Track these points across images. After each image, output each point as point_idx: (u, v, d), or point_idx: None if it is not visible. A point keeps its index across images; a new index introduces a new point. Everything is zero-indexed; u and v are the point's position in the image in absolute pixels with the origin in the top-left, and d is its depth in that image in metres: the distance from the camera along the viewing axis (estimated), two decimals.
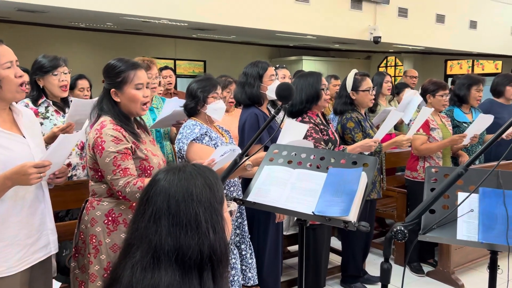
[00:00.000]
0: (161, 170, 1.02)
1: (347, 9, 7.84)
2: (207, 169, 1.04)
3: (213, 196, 0.99)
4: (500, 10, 10.36)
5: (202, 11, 6.43)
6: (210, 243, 0.94)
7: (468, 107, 3.71)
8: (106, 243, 1.84)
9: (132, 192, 1.76)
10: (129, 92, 1.87)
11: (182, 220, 0.94)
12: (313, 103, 2.68)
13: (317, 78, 2.69)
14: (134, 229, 0.97)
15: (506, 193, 1.54)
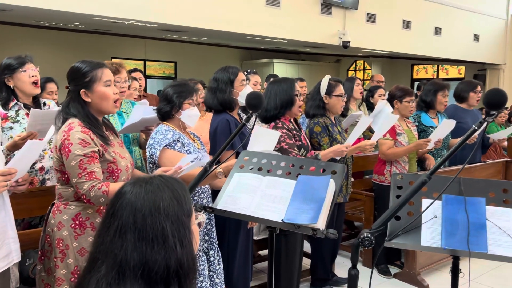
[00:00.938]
0: (128, 183, 1.01)
1: (317, 14, 7.95)
2: (175, 181, 1.02)
3: (181, 209, 0.98)
4: (463, 18, 10.75)
5: (172, 13, 6.37)
6: (177, 257, 0.93)
7: (435, 112, 3.82)
8: (73, 247, 1.83)
9: (97, 196, 1.76)
10: (100, 90, 1.86)
11: (148, 234, 0.92)
12: (287, 108, 2.69)
13: (291, 84, 2.71)
14: (99, 243, 0.95)
15: (467, 200, 1.60)
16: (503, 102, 1.36)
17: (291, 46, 11.06)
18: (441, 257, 3.66)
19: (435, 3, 9.95)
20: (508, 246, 1.51)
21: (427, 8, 9.81)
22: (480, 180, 1.71)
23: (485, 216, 1.56)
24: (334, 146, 2.77)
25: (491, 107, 1.37)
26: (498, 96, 1.36)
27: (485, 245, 1.50)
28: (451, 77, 13.49)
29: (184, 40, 10.98)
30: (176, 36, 9.98)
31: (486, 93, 1.38)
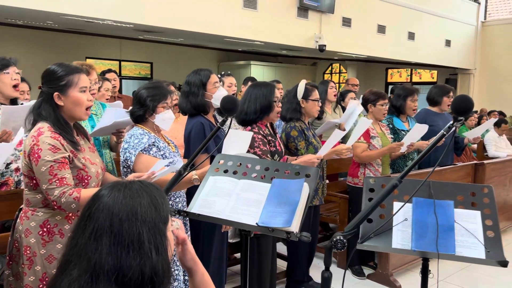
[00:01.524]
0: (106, 186, 0.99)
1: (293, 17, 8.01)
2: (154, 187, 1.02)
3: (158, 216, 0.97)
4: (435, 23, 11.04)
5: (149, 13, 6.31)
6: (152, 264, 0.92)
7: (405, 116, 3.91)
8: (41, 254, 1.79)
9: (68, 202, 1.72)
10: (74, 95, 1.82)
11: (124, 239, 0.91)
12: (266, 114, 2.69)
13: (271, 89, 2.71)
14: (73, 245, 0.94)
15: (437, 202, 1.64)
16: (469, 108, 1.40)
17: (268, 48, 11.12)
18: (413, 258, 3.74)
19: (408, 8, 10.19)
20: (475, 247, 1.56)
21: (401, 14, 10.04)
22: (449, 184, 1.77)
23: (453, 219, 1.61)
24: (305, 156, 2.78)
25: (458, 113, 1.42)
26: (466, 102, 1.41)
27: (453, 246, 1.54)
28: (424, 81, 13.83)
29: (161, 40, 10.89)
30: (152, 37, 9.88)
31: (454, 100, 1.42)
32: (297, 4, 7.97)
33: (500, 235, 1.59)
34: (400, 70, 14.47)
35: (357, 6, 9.02)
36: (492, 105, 11.50)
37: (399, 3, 9.92)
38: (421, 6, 10.53)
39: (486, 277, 3.77)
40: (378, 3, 9.44)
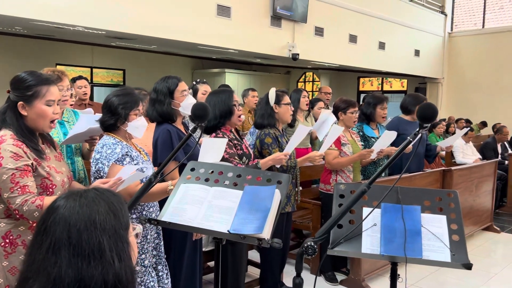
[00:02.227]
0: (61, 197, 0.97)
1: (267, 26, 8.08)
2: (111, 193, 1.00)
3: (118, 222, 0.95)
4: (405, 34, 11.36)
5: (121, 20, 6.24)
6: (115, 271, 0.90)
7: (375, 124, 3.99)
8: (3, 266, 1.73)
9: (30, 210, 1.68)
10: (39, 107, 1.78)
11: (84, 250, 0.89)
12: (227, 118, 2.72)
13: (229, 94, 2.74)
14: (30, 262, 0.91)
15: (404, 208, 1.68)
16: (434, 115, 1.45)
17: (243, 56, 11.16)
18: (384, 263, 3.80)
19: (379, 19, 10.44)
20: (441, 251, 1.60)
21: (372, 24, 10.28)
22: (416, 189, 1.81)
23: (420, 223, 1.65)
24: (273, 154, 2.82)
25: (423, 120, 1.46)
26: (430, 110, 1.45)
27: (420, 250, 1.58)
28: (394, 90, 14.16)
29: (133, 47, 10.78)
30: (125, 44, 9.77)
31: (419, 108, 1.46)
32: (270, 13, 8.05)
33: (465, 238, 1.64)
34: (372, 79, 14.79)
35: (329, 16, 9.19)
36: (460, 113, 11.88)
37: (370, 14, 10.16)
38: (391, 17, 10.81)
39: (454, 280, 3.86)
40: (350, 14, 9.65)
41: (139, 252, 2.15)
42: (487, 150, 7.10)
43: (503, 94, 11.95)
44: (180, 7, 6.76)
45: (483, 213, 5.28)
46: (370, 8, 10.13)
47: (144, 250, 2.18)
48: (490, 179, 5.39)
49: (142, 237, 2.16)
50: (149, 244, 2.21)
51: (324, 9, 9.05)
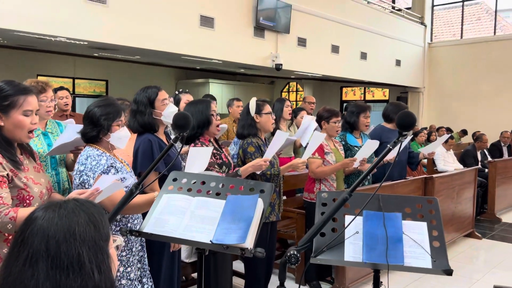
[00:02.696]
0: (39, 208, 0.95)
1: (250, 37, 8.14)
2: (91, 204, 0.98)
3: (98, 233, 0.94)
4: (386, 44, 11.56)
5: (103, 31, 6.21)
6: (94, 284, 0.89)
7: (358, 133, 4.03)
8: None
9: (3, 223, 1.64)
10: (16, 117, 1.75)
11: (63, 262, 0.87)
12: (204, 128, 2.73)
13: (207, 104, 2.75)
14: (7, 275, 0.88)
15: (386, 215, 1.70)
16: (412, 123, 1.48)
17: (226, 67, 11.20)
18: (369, 271, 3.81)
19: (360, 29, 10.61)
20: (422, 257, 1.61)
21: (354, 34, 10.44)
22: (397, 197, 1.83)
23: (402, 230, 1.67)
24: (253, 161, 2.82)
25: (402, 128, 1.49)
26: (409, 118, 1.48)
27: (401, 257, 1.59)
28: (376, 99, 14.36)
29: (116, 58, 10.72)
30: (108, 54, 9.71)
31: (397, 116, 1.49)
32: (253, 24, 8.11)
33: (445, 245, 1.66)
34: (354, 88, 14.97)
35: (312, 27, 9.30)
36: (441, 122, 12.10)
37: (351, 25, 10.32)
38: (372, 28, 11.00)
39: (438, 287, 3.90)
40: (332, 24, 9.78)
41: (125, 265, 2.11)
42: (468, 158, 7.23)
43: (482, 103, 12.22)
44: (163, 18, 6.76)
45: (464, 219, 5.36)
46: (351, 19, 10.30)
47: (130, 263, 2.14)
48: (471, 186, 5.48)
49: (127, 250, 2.13)
50: (134, 257, 2.18)
51: (307, 20, 9.16)
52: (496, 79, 12.01)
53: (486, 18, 14.85)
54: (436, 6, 13.65)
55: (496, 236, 5.72)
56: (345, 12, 10.10)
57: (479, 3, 14.90)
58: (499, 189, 6.71)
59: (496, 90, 12.02)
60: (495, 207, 6.63)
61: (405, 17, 12.64)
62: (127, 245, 2.11)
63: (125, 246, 2.10)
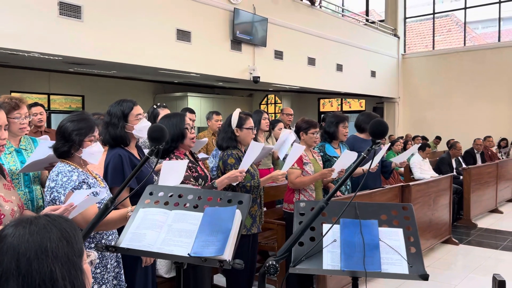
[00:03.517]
0: (9, 225, 0.92)
1: (227, 50, 8.19)
2: (63, 219, 0.97)
3: (71, 249, 0.92)
4: (361, 56, 11.80)
5: (78, 46, 6.15)
6: None
7: (337, 143, 4.08)
8: None
9: None
10: None
11: (34, 279, 0.85)
12: (179, 142, 2.71)
13: (181, 118, 2.74)
14: None
15: (362, 222, 1.72)
16: (384, 131, 1.51)
17: (204, 80, 11.22)
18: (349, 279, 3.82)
19: (336, 42, 10.81)
20: (399, 263, 1.64)
21: (329, 47, 10.62)
22: (373, 204, 1.86)
23: (378, 237, 1.69)
24: (228, 172, 2.82)
25: (375, 136, 1.52)
26: (381, 126, 1.51)
27: (378, 264, 1.61)
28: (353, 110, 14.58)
29: (92, 73, 10.62)
30: (83, 69, 9.61)
31: (370, 125, 1.52)
32: (230, 38, 8.17)
33: (421, 250, 1.69)
34: (331, 100, 15.19)
35: (288, 40, 9.43)
36: (416, 131, 12.36)
37: (327, 37, 10.51)
38: (347, 40, 11.22)
39: None
40: (307, 37, 9.94)
41: (99, 283, 2.07)
42: (443, 165, 7.39)
43: (455, 111, 12.56)
44: (139, 32, 6.75)
45: (441, 226, 5.45)
46: (327, 32, 10.49)
47: (104, 280, 2.10)
48: (447, 193, 5.59)
49: (101, 267, 2.08)
50: (109, 273, 2.13)
51: (283, 33, 9.28)
52: (467, 88, 12.38)
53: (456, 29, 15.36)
54: (408, 18, 14.04)
55: (473, 241, 5.84)
56: (320, 25, 10.29)
57: (449, 16, 15.40)
58: (474, 195, 6.87)
59: (468, 99, 12.38)
60: (470, 213, 6.78)
61: (379, 30, 12.95)
62: (102, 262, 2.07)
63: (99, 263, 2.06)
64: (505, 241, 5.80)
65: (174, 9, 7.24)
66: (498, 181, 7.82)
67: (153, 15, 6.94)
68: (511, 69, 11.72)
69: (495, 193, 7.74)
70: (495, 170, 7.75)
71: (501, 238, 5.98)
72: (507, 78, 11.76)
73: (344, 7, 13.83)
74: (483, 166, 7.58)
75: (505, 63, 11.80)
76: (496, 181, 7.77)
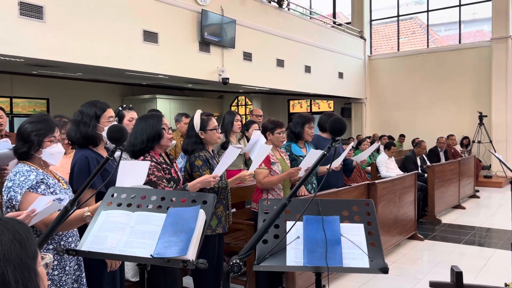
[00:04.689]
0: None
1: (196, 52, 8.15)
2: (16, 222, 0.94)
3: (25, 251, 0.90)
4: (328, 57, 11.98)
5: (41, 47, 5.97)
6: None
7: (303, 143, 4.14)
8: None
9: None
10: None
11: None
12: (155, 142, 2.70)
13: (158, 119, 2.74)
14: None
15: (324, 219, 1.75)
16: (343, 128, 1.54)
17: (173, 82, 11.11)
18: None
19: (304, 44, 10.94)
20: (360, 258, 1.67)
21: (297, 48, 10.73)
22: (335, 200, 1.89)
23: (340, 233, 1.72)
24: (202, 177, 2.81)
25: (334, 133, 1.55)
26: (339, 124, 1.55)
27: (340, 259, 1.64)
28: (322, 111, 14.77)
29: (57, 75, 10.34)
30: (48, 72, 9.35)
31: (328, 123, 1.55)
32: (198, 39, 8.13)
33: (381, 244, 1.73)
34: (301, 101, 15.35)
35: (257, 41, 9.47)
36: (383, 130, 12.65)
37: (295, 39, 10.61)
38: (315, 42, 11.37)
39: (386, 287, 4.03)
40: (276, 39, 10.01)
41: (57, 285, 2.03)
42: (408, 164, 7.59)
43: (419, 111, 12.92)
44: (104, 33, 6.62)
45: (407, 222, 5.60)
46: (295, 34, 10.60)
47: (63, 282, 2.06)
48: (412, 190, 5.75)
49: (60, 269, 2.04)
50: (67, 276, 2.09)
51: (251, 35, 9.32)
52: (431, 88, 12.77)
53: (420, 32, 15.83)
54: (374, 21, 14.37)
55: (437, 236, 6.02)
56: (288, 27, 10.38)
57: (413, 18, 15.86)
58: (438, 192, 7.09)
59: (431, 99, 12.76)
60: (435, 209, 6.99)
61: (346, 32, 13.18)
62: (60, 264, 2.04)
63: (57, 265, 2.03)
64: (467, 236, 6.01)
65: (140, 10, 7.15)
66: (460, 178, 8.11)
67: (118, 16, 6.82)
68: (471, 70, 12.17)
69: (458, 190, 8.02)
70: (457, 167, 8.03)
71: (464, 232, 6.20)
72: (468, 79, 12.20)
73: (312, 10, 14.01)
74: (446, 163, 7.84)
75: (466, 64, 12.25)
76: (459, 178, 8.05)
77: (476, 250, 5.38)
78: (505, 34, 11.47)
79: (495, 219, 7.00)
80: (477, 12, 14.48)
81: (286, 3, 10.40)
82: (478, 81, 12.04)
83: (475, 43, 12.59)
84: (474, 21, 15.26)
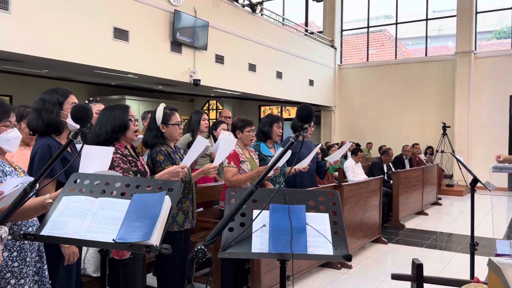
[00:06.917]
0: None
1: (167, 52, 8.07)
2: None
3: None
4: (300, 64, 12.13)
5: (5, 39, 5.76)
6: None
7: (272, 142, 4.16)
8: None
9: None
10: None
11: None
12: (120, 133, 2.64)
13: (124, 109, 2.68)
14: None
15: (291, 207, 1.76)
16: (310, 114, 1.56)
17: (143, 83, 10.96)
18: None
19: (276, 50, 11.04)
20: (324, 246, 1.69)
21: (269, 54, 10.82)
22: (302, 191, 1.91)
23: (305, 221, 1.73)
24: (170, 167, 2.77)
25: (302, 120, 1.56)
26: (306, 110, 1.56)
27: (305, 246, 1.65)
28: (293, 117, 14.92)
29: (22, 72, 10.02)
30: (12, 67, 9.03)
31: (297, 109, 1.57)
32: (170, 39, 8.07)
33: (345, 233, 1.76)
34: (272, 107, 15.45)
35: (229, 45, 9.49)
36: (350, 138, 12.90)
37: (267, 45, 10.70)
38: (287, 48, 11.50)
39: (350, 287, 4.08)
40: (249, 43, 10.06)
41: (17, 277, 1.94)
42: (375, 170, 7.76)
43: (385, 120, 13.26)
44: (73, 27, 6.47)
45: (372, 226, 5.71)
46: (267, 39, 10.68)
47: (23, 274, 1.97)
48: (377, 194, 5.87)
49: (20, 260, 1.96)
50: (28, 267, 2.00)
51: (224, 38, 9.33)
52: (398, 98, 13.14)
53: (388, 44, 16.28)
54: (344, 31, 14.68)
55: (401, 240, 6.16)
56: (261, 32, 10.46)
57: (382, 31, 16.30)
58: (402, 198, 7.27)
59: (398, 108, 13.13)
60: (399, 215, 7.16)
61: (317, 40, 13.41)
62: (20, 255, 1.95)
63: (17, 256, 1.94)
64: (429, 240, 6.18)
65: (112, 6, 7.03)
66: (424, 185, 8.35)
67: (89, 11, 6.68)
68: (436, 81, 12.62)
69: (421, 197, 8.25)
70: (421, 174, 8.27)
71: (426, 237, 6.37)
72: (433, 89, 12.64)
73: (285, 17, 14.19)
74: (411, 170, 8.06)
75: (431, 75, 12.69)
76: (422, 185, 8.29)
77: (437, 253, 5.53)
78: (469, 49, 11.97)
79: (456, 225, 7.23)
80: (442, 29, 15.04)
81: (259, 9, 10.49)
82: (442, 93, 12.49)
83: (441, 56, 13.07)
84: (440, 36, 15.82)
